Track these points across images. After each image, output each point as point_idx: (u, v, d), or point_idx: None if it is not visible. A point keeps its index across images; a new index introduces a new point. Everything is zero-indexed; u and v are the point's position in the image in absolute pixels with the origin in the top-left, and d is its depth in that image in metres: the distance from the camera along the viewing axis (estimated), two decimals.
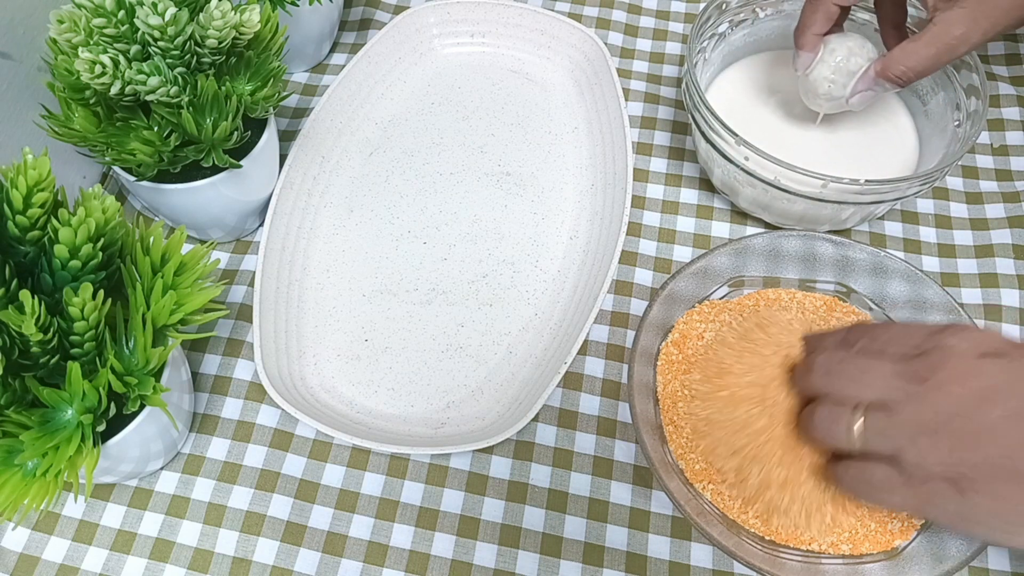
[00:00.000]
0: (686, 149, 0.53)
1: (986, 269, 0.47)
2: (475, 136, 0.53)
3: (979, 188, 0.50)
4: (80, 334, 0.31)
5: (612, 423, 0.42)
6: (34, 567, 0.38)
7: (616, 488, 0.40)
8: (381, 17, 0.60)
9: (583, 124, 0.54)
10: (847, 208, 0.44)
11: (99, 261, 0.31)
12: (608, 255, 0.45)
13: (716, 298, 0.44)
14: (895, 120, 0.50)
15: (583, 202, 0.50)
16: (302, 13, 0.50)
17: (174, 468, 0.40)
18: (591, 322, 0.42)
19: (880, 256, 0.42)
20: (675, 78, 0.56)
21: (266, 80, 0.41)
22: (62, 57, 0.37)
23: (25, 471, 0.31)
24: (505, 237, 0.49)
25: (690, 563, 0.38)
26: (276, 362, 0.42)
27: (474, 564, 0.38)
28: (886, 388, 0.31)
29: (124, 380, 0.32)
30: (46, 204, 0.30)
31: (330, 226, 0.49)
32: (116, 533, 0.39)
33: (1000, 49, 0.57)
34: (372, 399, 0.43)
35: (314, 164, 0.50)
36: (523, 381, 0.43)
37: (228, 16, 0.37)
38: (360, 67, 0.53)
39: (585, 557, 0.38)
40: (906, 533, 0.37)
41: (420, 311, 0.46)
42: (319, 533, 0.39)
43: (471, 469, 0.41)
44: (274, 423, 0.42)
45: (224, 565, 0.38)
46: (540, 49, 0.57)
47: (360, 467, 0.41)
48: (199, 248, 0.35)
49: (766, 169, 0.43)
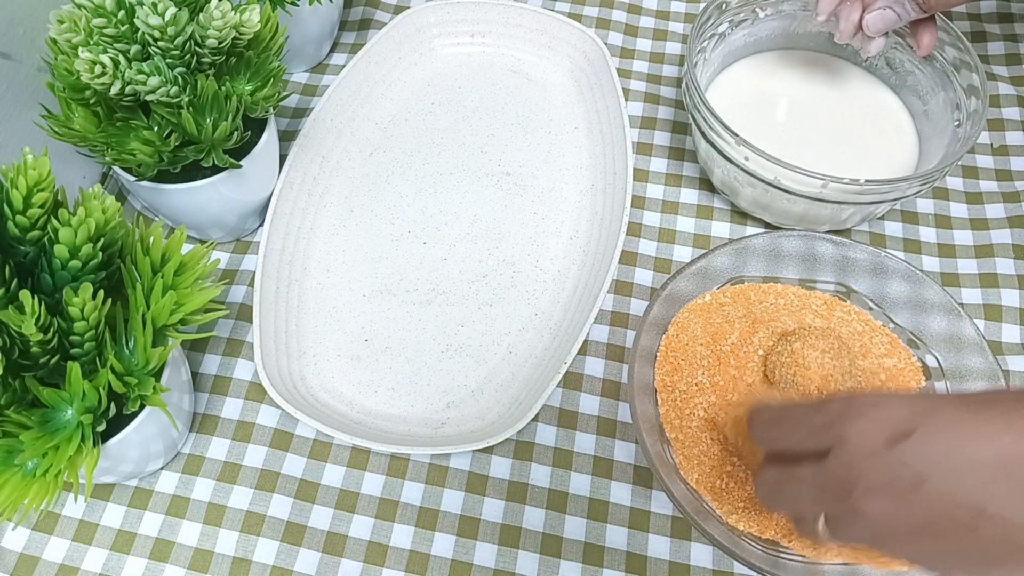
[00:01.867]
0: (686, 149, 0.53)
1: (986, 269, 0.47)
2: (475, 136, 0.53)
3: (979, 188, 0.50)
4: (80, 334, 0.31)
5: (612, 423, 0.42)
6: (34, 567, 0.38)
7: (616, 488, 0.40)
8: (381, 17, 0.60)
9: (583, 124, 0.54)
10: (847, 208, 0.44)
11: (99, 261, 0.31)
12: (608, 255, 0.45)
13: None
14: (895, 120, 0.50)
15: (583, 202, 0.50)
16: (302, 13, 0.50)
17: (174, 468, 0.40)
18: (591, 322, 0.42)
19: (880, 256, 0.42)
20: (675, 78, 0.56)
21: (266, 80, 0.41)
22: (62, 57, 0.37)
23: (25, 471, 0.31)
24: (505, 237, 0.49)
25: (690, 563, 0.38)
26: (276, 362, 0.42)
27: (474, 564, 0.38)
28: (820, 506, 0.30)
29: (124, 380, 0.32)
30: (46, 204, 0.30)
31: (330, 226, 0.49)
32: (116, 533, 0.39)
33: (1000, 49, 0.57)
34: (372, 399, 0.43)
35: (314, 164, 0.50)
36: (523, 381, 0.43)
37: (228, 16, 0.37)
38: (360, 67, 0.53)
39: (585, 557, 0.38)
40: None
41: (420, 311, 0.46)
42: (319, 533, 0.39)
43: (471, 469, 0.41)
44: (274, 423, 0.42)
45: (224, 565, 0.38)
46: (540, 49, 0.57)
47: (360, 467, 0.41)
48: (199, 248, 0.35)
49: (766, 169, 0.43)
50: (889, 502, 0.27)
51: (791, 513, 0.32)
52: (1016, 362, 0.43)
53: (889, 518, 0.27)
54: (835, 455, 0.28)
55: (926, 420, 0.27)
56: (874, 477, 0.27)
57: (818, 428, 0.29)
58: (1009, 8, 0.59)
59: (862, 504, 0.28)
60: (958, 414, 0.27)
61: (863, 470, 0.28)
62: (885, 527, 0.28)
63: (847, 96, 0.51)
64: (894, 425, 0.27)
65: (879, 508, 0.27)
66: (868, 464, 0.27)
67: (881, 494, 0.27)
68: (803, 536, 0.34)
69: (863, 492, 0.27)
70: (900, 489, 0.27)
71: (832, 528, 0.30)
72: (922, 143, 0.49)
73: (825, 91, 0.51)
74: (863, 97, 0.51)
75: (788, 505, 0.32)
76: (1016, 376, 0.43)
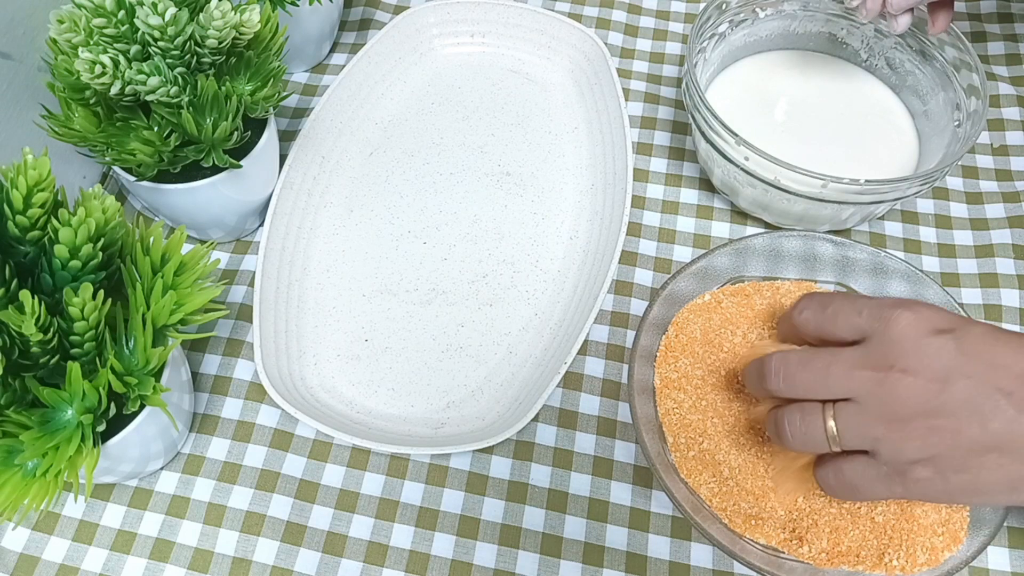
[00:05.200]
0: (686, 149, 0.53)
1: (986, 269, 0.47)
2: (475, 136, 0.53)
3: (979, 188, 0.50)
4: (80, 334, 0.31)
5: (612, 423, 0.42)
6: (34, 567, 0.38)
7: (616, 488, 0.40)
8: (381, 17, 0.60)
9: (583, 124, 0.54)
10: (847, 208, 0.44)
11: (99, 261, 0.31)
12: (608, 255, 0.45)
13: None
14: (895, 120, 0.50)
15: (583, 202, 0.50)
16: (302, 13, 0.50)
17: (174, 468, 0.40)
18: (591, 322, 0.42)
19: (880, 256, 0.42)
20: (675, 78, 0.56)
21: (266, 80, 0.41)
22: (62, 57, 0.37)
23: (25, 471, 0.31)
24: (505, 237, 0.49)
25: (690, 563, 0.38)
26: (276, 362, 0.42)
27: (474, 564, 0.38)
28: (848, 384, 0.32)
29: (124, 380, 0.32)
30: (46, 204, 0.30)
31: (330, 226, 0.49)
32: (116, 533, 0.39)
33: (1000, 49, 0.57)
34: (372, 399, 0.43)
35: (314, 164, 0.50)
36: (523, 381, 0.43)
37: (228, 16, 0.37)
38: (360, 67, 0.53)
39: (585, 557, 0.38)
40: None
41: (420, 311, 0.46)
42: (319, 533, 0.39)
43: (471, 469, 0.41)
44: (274, 423, 0.42)
45: (224, 565, 0.38)
46: (540, 49, 0.57)
47: (360, 467, 0.41)
48: (199, 248, 0.35)
49: (766, 169, 0.43)
50: (918, 387, 0.30)
51: (808, 393, 0.33)
52: None
53: (913, 400, 0.30)
54: (880, 334, 0.31)
55: (964, 326, 0.31)
56: (912, 357, 0.30)
57: (867, 312, 0.32)
58: (1009, 8, 0.59)
59: (894, 381, 0.30)
60: (991, 330, 0.31)
61: (904, 351, 0.31)
62: (905, 410, 0.30)
63: (847, 96, 0.51)
64: (936, 322, 0.31)
65: (907, 390, 0.30)
66: (910, 346, 0.31)
67: (913, 375, 0.30)
68: (806, 448, 0.33)
69: (900, 370, 0.30)
70: (933, 375, 0.30)
71: (845, 419, 0.32)
72: (922, 143, 0.49)
73: (825, 91, 0.51)
74: (863, 97, 0.51)
75: (808, 384, 0.33)
76: None
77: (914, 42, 0.49)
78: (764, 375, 0.34)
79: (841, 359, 0.32)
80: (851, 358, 0.32)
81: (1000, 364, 0.30)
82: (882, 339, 0.31)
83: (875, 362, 0.31)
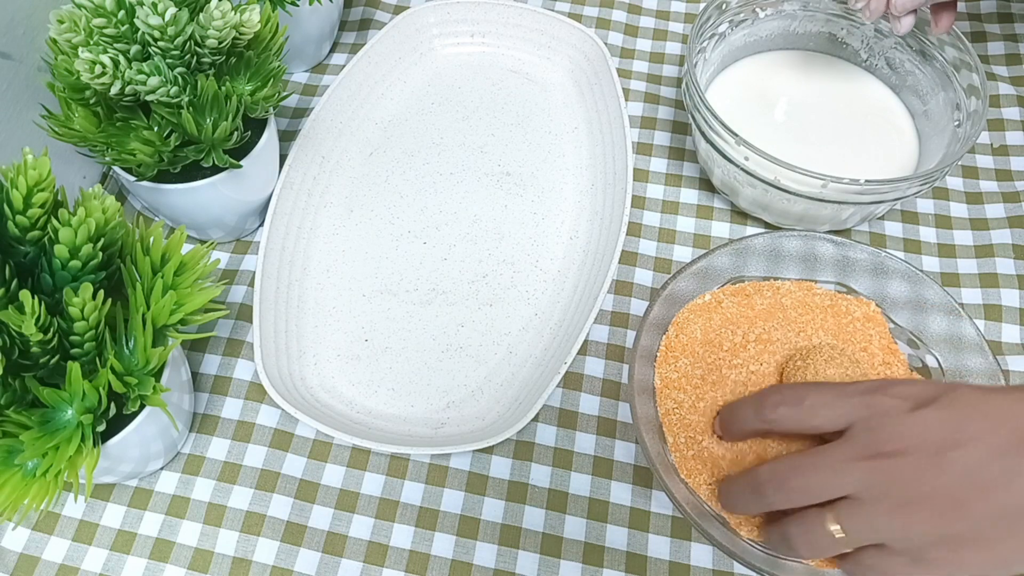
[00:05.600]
0: (686, 149, 0.53)
1: (986, 269, 0.47)
2: (475, 136, 0.53)
3: (979, 188, 0.50)
4: (80, 334, 0.31)
5: (612, 423, 0.42)
6: (34, 567, 0.38)
7: (616, 488, 0.40)
8: (381, 17, 0.60)
9: (583, 124, 0.54)
10: (847, 208, 0.44)
11: (99, 261, 0.31)
12: (608, 255, 0.45)
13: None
14: (895, 120, 0.50)
15: (583, 202, 0.50)
16: (302, 13, 0.50)
17: (174, 468, 0.40)
18: (591, 322, 0.42)
19: (880, 256, 0.42)
20: (675, 78, 0.56)
21: (266, 80, 0.41)
22: (62, 57, 0.37)
23: (25, 471, 0.31)
24: (505, 237, 0.49)
25: (690, 563, 0.38)
26: (276, 362, 0.42)
27: (474, 564, 0.38)
28: (842, 480, 0.30)
29: (124, 380, 0.32)
30: (46, 204, 0.30)
31: (330, 226, 0.49)
32: (116, 533, 0.39)
33: (1000, 49, 0.57)
34: (372, 399, 0.43)
35: (314, 164, 0.50)
36: (523, 381, 0.43)
37: (228, 16, 0.37)
38: (360, 67, 0.53)
39: (585, 557, 0.38)
40: None
41: (420, 311, 0.46)
42: (319, 533, 0.39)
43: (471, 469, 0.41)
44: (274, 423, 0.42)
45: (224, 565, 0.38)
46: (540, 49, 0.57)
47: (360, 467, 0.41)
48: (199, 248, 0.35)
49: (766, 169, 0.43)
50: (912, 463, 0.29)
51: (805, 500, 0.31)
52: (1016, 362, 0.43)
53: (912, 482, 0.29)
54: (864, 421, 0.30)
55: (945, 393, 0.30)
56: (901, 436, 0.29)
57: (845, 401, 0.31)
58: (1009, 8, 0.59)
59: (888, 467, 0.29)
60: (974, 390, 0.30)
61: (890, 434, 0.29)
62: (906, 494, 0.29)
63: (847, 96, 0.51)
64: (916, 396, 0.30)
65: (903, 472, 0.29)
66: (896, 425, 0.29)
67: (903, 456, 0.29)
68: (817, 556, 0.32)
69: (889, 455, 0.29)
70: (926, 451, 0.29)
71: (848, 519, 0.30)
72: (922, 143, 0.49)
73: (825, 91, 0.51)
74: (863, 97, 0.51)
75: (803, 489, 0.31)
76: (1016, 376, 0.43)
77: (914, 42, 0.49)
78: (758, 488, 0.33)
79: (829, 457, 0.31)
80: (839, 453, 0.30)
81: (991, 424, 0.29)
82: (867, 425, 0.30)
83: (863, 451, 0.30)
